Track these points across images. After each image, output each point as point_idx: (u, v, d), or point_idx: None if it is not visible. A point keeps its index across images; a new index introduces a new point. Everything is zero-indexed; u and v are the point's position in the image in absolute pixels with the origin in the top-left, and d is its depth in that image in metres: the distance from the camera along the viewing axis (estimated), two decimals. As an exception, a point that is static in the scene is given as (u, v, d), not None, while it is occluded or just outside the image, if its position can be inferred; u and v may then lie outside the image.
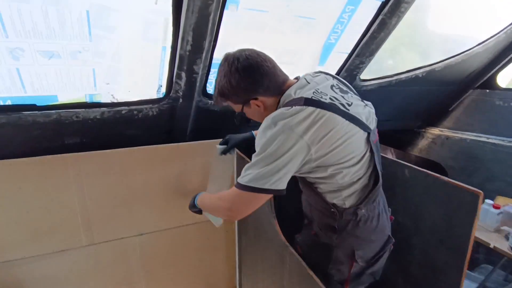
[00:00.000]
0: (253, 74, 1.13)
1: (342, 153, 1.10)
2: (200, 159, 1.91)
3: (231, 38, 1.57)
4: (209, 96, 1.82)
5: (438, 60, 2.31)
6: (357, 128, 1.12)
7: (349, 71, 2.04)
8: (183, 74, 1.57)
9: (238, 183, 1.08)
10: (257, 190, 1.03)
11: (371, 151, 1.18)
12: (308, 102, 1.07)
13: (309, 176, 1.19)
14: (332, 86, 1.20)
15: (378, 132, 1.30)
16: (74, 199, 1.69)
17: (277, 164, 1.02)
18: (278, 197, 1.09)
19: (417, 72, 2.31)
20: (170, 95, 1.67)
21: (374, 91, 2.32)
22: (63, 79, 1.40)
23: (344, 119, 1.08)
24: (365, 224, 1.26)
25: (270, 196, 1.08)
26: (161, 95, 1.70)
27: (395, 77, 2.28)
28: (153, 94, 1.68)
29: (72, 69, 1.38)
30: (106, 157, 1.70)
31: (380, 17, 1.73)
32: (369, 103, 1.38)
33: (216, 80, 1.22)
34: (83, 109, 1.54)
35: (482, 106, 2.58)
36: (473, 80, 2.56)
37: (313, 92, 1.11)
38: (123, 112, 1.66)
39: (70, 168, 1.65)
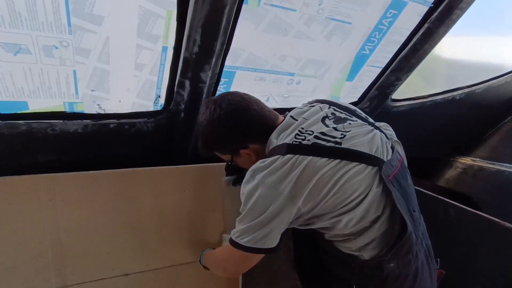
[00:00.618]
0: (240, 121, 1.03)
1: (337, 200, 0.91)
2: (203, 186, 1.58)
3: (247, 42, 1.28)
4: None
5: (479, 81, 2.02)
6: (353, 164, 0.91)
7: (381, 88, 1.74)
8: (187, 83, 1.27)
9: (230, 238, 0.99)
10: (245, 249, 0.94)
11: (385, 188, 0.93)
12: (289, 148, 0.93)
13: (308, 227, 1.01)
14: (324, 118, 1.02)
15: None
16: (44, 230, 1.35)
17: (260, 221, 0.91)
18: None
19: (455, 93, 2.01)
20: (170, 108, 1.37)
21: (403, 114, 2.01)
22: (34, 82, 1.09)
23: (332, 159, 0.90)
24: (395, 282, 0.97)
25: (261, 255, 0.98)
26: (158, 108, 1.39)
27: (430, 98, 1.97)
28: (149, 106, 1.37)
29: (47, 69, 1.07)
30: (87, 180, 1.37)
31: (425, 26, 1.43)
32: (383, 124, 1.07)
33: (198, 129, 1.10)
34: (61, 121, 1.23)
35: (524, 135, 2.27)
36: (513, 105, 2.26)
37: (296, 135, 0.96)
38: (112, 126, 1.34)
39: (42, 192, 1.32)
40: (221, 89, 1.43)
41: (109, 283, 1.50)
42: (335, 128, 0.97)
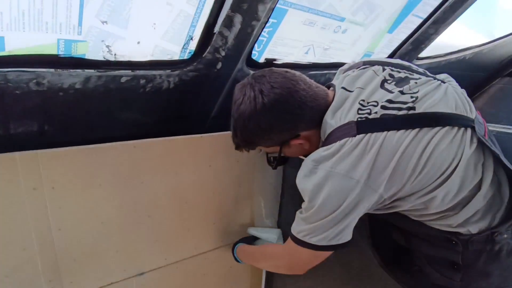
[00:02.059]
0: (289, 108, 0.82)
1: (427, 175, 0.75)
2: (229, 157, 1.26)
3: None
4: (253, 65, 1.17)
5: (489, 41, 1.96)
6: (436, 129, 0.75)
7: (416, 43, 1.55)
8: (237, 19, 0.90)
9: (293, 236, 0.85)
10: (314, 247, 0.81)
11: (479, 147, 0.78)
12: (359, 127, 0.76)
13: (389, 211, 0.85)
14: (383, 83, 0.84)
15: None
16: (28, 231, 0.93)
17: (333, 219, 0.77)
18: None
19: (466, 53, 1.92)
20: (203, 56, 0.99)
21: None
22: (14, 7, 0.64)
23: (410, 129, 0.74)
24: (509, 256, 0.81)
25: (331, 252, 0.84)
26: (186, 56, 1.01)
27: (446, 57, 1.86)
28: (174, 53, 0.98)
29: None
30: (86, 158, 0.96)
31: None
32: (445, 76, 0.89)
33: (233, 122, 0.88)
34: (52, 70, 0.79)
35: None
36: (504, 67, 2.29)
37: (358, 110, 0.79)
38: (123, 80, 0.93)
39: (22, 177, 0.88)
40: (265, 35, 1.09)
41: (121, 286, 1.15)
42: (401, 92, 0.79)
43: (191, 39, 0.95)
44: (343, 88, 0.86)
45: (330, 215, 0.77)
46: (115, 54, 0.87)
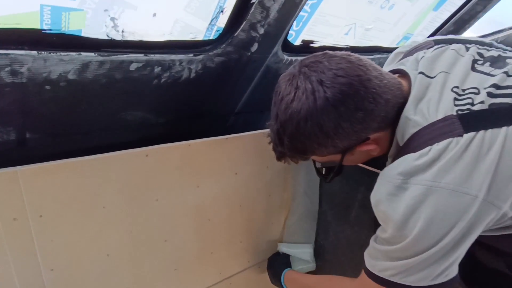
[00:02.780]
0: (360, 101, 0.58)
1: None
2: (257, 162, 1.03)
3: None
4: (287, 49, 0.93)
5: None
6: None
7: (460, 23, 1.34)
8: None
9: (373, 274, 0.64)
10: None
11: None
12: (464, 122, 0.56)
13: (504, 232, 0.64)
14: (473, 64, 0.64)
15: None
16: (9, 273, 0.67)
17: (437, 251, 0.56)
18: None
19: (499, 35, 1.74)
20: (236, 34, 0.75)
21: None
22: None
23: None
24: None
25: None
26: (212, 36, 0.76)
27: (494, 36, 1.67)
28: (199, 30, 0.74)
29: None
30: (82, 173, 0.71)
31: None
32: None
33: (277, 126, 0.63)
34: (34, 53, 0.54)
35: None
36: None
37: (454, 100, 0.58)
38: (133, 68, 0.68)
39: (-4, 204, 0.63)
40: (306, 9, 0.86)
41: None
42: (507, 74, 0.59)
43: (222, 12, 0.71)
44: (421, 73, 0.64)
45: (433, 247, 0.55)
46: (122, 31, 0.62)
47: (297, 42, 0.97)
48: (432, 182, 0.54)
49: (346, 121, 0.59)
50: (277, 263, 1.06)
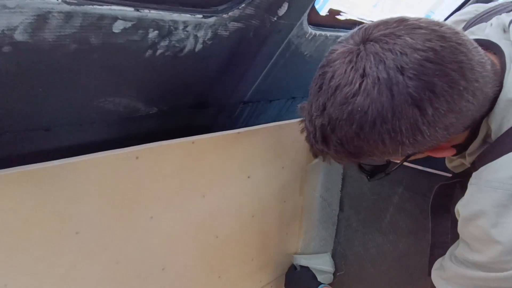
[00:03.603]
0: (457, 102, 0.39)
1: None
2: (276, 162, 0.83)
3: None
4: (312, 22, 0.73)
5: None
6: None
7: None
8: None
9: None
10: None
11: None
12: None
13: None
14: None
15: None
16: None
17: None
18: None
19: None
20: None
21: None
22: None
23: None
24: None
25: None
26: (228, -9, 0.55)
27: None
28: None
29: None
30: (44, 187, 0.48)
31: None
32: None
33: (326, 123, 0.44)
34: None
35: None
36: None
37: None
38: (117, 29, 0.46)
39: None
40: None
41: None
42: None
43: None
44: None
45: None
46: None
47: (323, 12, 0.77)
48: None
49: (431, 127, 0.40)
50: (303, 280, 0.88)
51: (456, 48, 0.39)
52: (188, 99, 0.70)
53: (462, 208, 0.46)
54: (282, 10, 0.59)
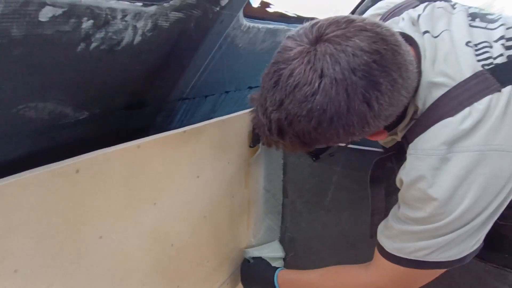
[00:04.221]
0: (396, 98, 0.48)
1: None
2: (222, 159, 0.80)
3: None
4: (246, 14, 0.73)
5: None
6: None
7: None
8: None
9: (398, 257, 0.57)
10: (441, 265, 0.54)
11: None
12: (498, 76, 0.49)
13: None
14: (468, 19, 0.57)
15: None
16: None
17: (481, 220, 0.51)
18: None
19: None
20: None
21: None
22: None
23: None
24: None
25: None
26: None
27: None
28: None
29: None
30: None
31: None
32: None
33: (279, 116, 0.48)
34: None
35: None
36: None
37: (474, 54, 0.51)
38: (45, 17, 0.37)
39: None
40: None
41: None
42: (505, 26, 0.56)
43: None
44: (427, 32, 0.56)
45: (479, 216, 0.50)
46: None
47: (255, 4, 0.78)
48: (484, 146, 0.48)
49: (376, 119, 0.47)
50: (260, 269, 0.88)
51: (395, 51, 0.45)
52: (124, 99, 0.63)
53: (405, 176, 0.53)
54: (225, 0, 0.57)
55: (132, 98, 0.64)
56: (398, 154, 0.62)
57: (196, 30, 0.59)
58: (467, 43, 0.53)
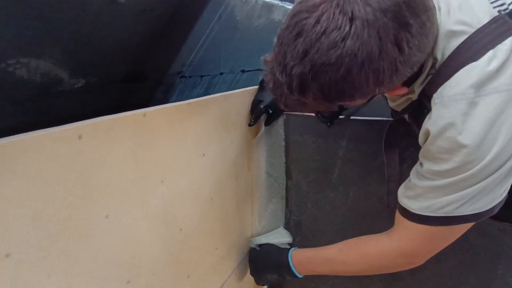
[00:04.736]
0: (423, 42, 0.45)
1: None
2: (226, 137, 0.75)
3: None
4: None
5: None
6: None
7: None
8: None
9: (430, 217, 0.54)
10: (472, 218, 0.52)
11: None
12: None
13: None
14: None
15: None
16: None
17: (510, 164, 0.49)
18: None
19: None
20: None
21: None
22: None
23: None
24: None
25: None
26: None
27: None
28: None
29: None
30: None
31: None
32: None
33: (303, 69, 0.43)
34: None
35: None
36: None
37: (490, 0, 0.51)
38: None
39: None
40: None
41: None
42: None
43: None
44: None
45: (508, 161, 0.49)
46: None
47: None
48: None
49: (405, 65, 0.44)
50: (271, 253, 0.84)
51: None
52: (122, 69, 0.57)
53: (432, 126, 0.51)
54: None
55: (131, 68, 0.58)
56: (415, 113, 0.60)
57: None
58: None
